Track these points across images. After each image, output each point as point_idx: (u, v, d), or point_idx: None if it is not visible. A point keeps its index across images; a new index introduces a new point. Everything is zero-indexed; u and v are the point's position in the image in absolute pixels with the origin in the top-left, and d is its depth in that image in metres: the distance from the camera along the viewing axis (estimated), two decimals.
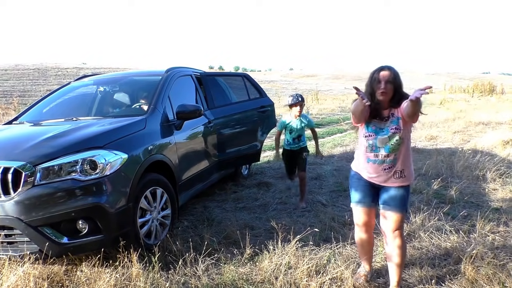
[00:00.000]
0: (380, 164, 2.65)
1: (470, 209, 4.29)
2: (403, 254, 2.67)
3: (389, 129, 2.59)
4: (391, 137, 2.59)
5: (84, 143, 3.09)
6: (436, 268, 3.03)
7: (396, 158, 2.62)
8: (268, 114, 5.76)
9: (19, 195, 2.76)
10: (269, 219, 4.21)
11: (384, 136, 2.61)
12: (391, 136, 2.59)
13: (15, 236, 2.85)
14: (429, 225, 3.71)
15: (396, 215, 2.64)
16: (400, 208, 2.64)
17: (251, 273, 3.01)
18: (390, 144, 2.61)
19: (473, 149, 7.31)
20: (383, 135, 2.61)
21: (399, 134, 2.58)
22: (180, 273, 3.01)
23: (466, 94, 28.86)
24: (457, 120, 12.45)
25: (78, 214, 2.87)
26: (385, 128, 2.61)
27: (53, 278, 2.96)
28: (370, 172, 2.70)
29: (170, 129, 3.96)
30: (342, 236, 3.62)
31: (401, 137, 2.58)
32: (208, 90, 5.06)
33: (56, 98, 4.80)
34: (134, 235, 3.18)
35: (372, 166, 2.68)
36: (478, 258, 3.05)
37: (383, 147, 2.62)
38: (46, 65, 39.15)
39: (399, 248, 2.64)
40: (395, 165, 2.63)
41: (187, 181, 4.14)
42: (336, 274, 2.88)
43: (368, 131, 2.66)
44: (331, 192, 5.20)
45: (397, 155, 2.62)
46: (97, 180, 2.93)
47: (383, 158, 2.64)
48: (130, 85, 4.97)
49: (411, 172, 2.69)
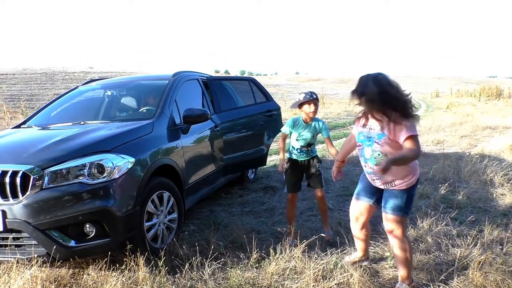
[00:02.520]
0: (369, 174, 2.76)
1: (478, 214, 4.26)
2: (402, 255, 2.74)
3: (374, 140, 2.60)
4: (374, 150, 2.61)
5: (91, 147, 3.11)
6: (443, 273, 3.00)
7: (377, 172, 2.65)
8: (275, 118, 5.76)
9: (27, 198, 2.78)
10: (275, 223, 4.21)
11: (369, 147, 2.64)
12: (374, 149, 2.61)
13: (23, 239, 2.87)
14: (437, 230, 3.68)
15: (390, 217, 2.71)
16: (395, 210, 2.68)
17: (258, 278, 3.00)
18: (373, 157, 2.63)
19: (480, 153, 7.27)
20: (368, 146, 2.64)
21: (380, 150, 2.57)
22: (186, 277, 3.01)
23: (472, 98, 28.66)
24: (464, 124, 12.37)
25: (86, 218, 2.88)
26: (371, 138, 2.61)
27: (60, 281, 2.98)
28: (368, 177, 2.83)
29: (177, 133, 3.98)
30: (349, 241, 3.61)
31: (383, 153, 2.57)
32: (214, 94, 5.08)
33: (64, 102, 4.84)
34: (140, 238, 3.19)
35: (367, 174, 2.82)
36: (487, 264, 3.03)
37: (369, 159, 2.67)
38: (53, 70, 39.43)
39: (398, 249, 2.74)
40: (383, 177, 2.65)
41: (193, 185, 4.15)
42: (342, 279, 2.87)
43: (358, 141, 2.76)
44: (337, 197, 5.19)
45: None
46: (104, 183, 2.94)
47: (371, 170, 2.70)
48: (137, 89, 4.99)
49: (407, 180, 2.65)
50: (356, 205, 3.02)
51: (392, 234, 2.74)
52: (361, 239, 3.13)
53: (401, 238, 2.72)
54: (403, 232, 2.73)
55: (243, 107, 5.52)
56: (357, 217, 3.03)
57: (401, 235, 2.72)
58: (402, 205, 2.67)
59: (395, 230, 2.72)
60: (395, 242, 2.74)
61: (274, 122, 5.75)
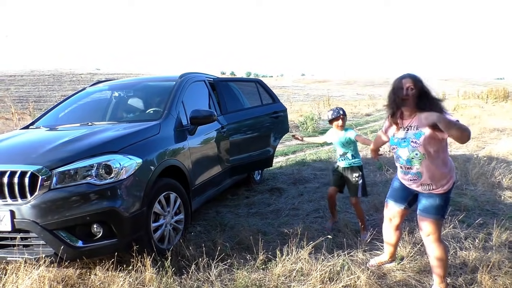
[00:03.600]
0: (405, 174, 2.75)
1: (485, 217, 4.22)
2: (439, 259, 2.69)
3: (410, 141, 2.61)
4: (411, 150, 2.61)
5: (99, 148, 3.13)
6: (452, 276, 2.98)
7: (420, 172, 2.64)
8: (281, 120, 5.76)
9: (35, 198, 2.80)
10: (282, 225, 4.21)
11: (404, 148, 2.65)
12: (411, 149, 2.61)
13: (31, 239, 2.89)
14: (444, 233, 3.66)
15: (427, 220, 2.67)
16: (432, 213, 2.66)
17: (264, 279, 3.00)
18: (410, 157, 2.63)
19: (488, 156, 7.21)
20: (404, 147, 2.66)
21: (418, 150, 2.58)
22: (193, 278, 3.01)
23: (480, 100, 28.49)
24: (472, 127, 12.27)
25: (93, 218, 2.89)
26: (406, 139, 2.62)
27: (67, 281, 2.99)
28: (403, 180, 2.81)
29: (184, 134, 3.99)
30: (356, 243, 3.60)
31: (422, 153, 2.58)
32: (221, 96, 5.08)
33: (72, 103, 4.87)
34: (147, 239, 3.20)
35: (402, 175, 2.81)
36: (495, 267, 3.00)
37: (405, 160, 2.67)
38: (61, 71, 39.71)
39: (434, 253, 2.69)
40: (421, 178, 2.65)
41: (200, 186, 4.16)
42: (349, 281, 2.86)
43: (392, 144, 2.77)
44: (344, 198, 5.15)
45: (420, 168, 2.62)
46: (112, 184, 2.96)
47: (407, 170, 2.71)
48: (144, 91, 5.01)
49: (444, 184, 2.63)
50: (388, 208, 3.05)
51: (428, 238, 2.70)
52: (391, 243, 3.12)
53: (438, 242, 2.68)
54: (439, 236, 2.70)
55: (250, 108, 5.52)
56: (390, 219, 3.06)
57: (437, 239, 2.68)
58: (440, 208, 2.65)
59: (432, 234, 2.67)
60: (432, 246, 2.69)
61: (281, 123, 5.74)
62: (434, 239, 2.68)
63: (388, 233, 3.12)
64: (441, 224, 2.74)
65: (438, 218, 2.66)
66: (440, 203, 2.65)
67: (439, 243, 2.69)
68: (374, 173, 6.33)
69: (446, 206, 2.70)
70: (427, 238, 2.71)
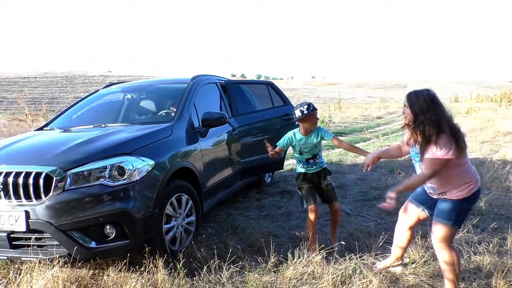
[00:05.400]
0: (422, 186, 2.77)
1: (500, 221, 4.16)
2: (449, 267, 2.63)
3: (420, 155, 2.60)
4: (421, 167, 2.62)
5: (112, 149, 3.16)
6: (466, 282, 2.94)
7: (433, 186, 2.66)
8: (292, 122, 5.74)
9: (50, 199, 2.83)
10: (293, 227, 4.20)
11: (417, 162, 2.68)
12: (421, 165, 2.62)
13: (45, 240, 2.92)
14: (458, 237, 3.61)
15: (437, 224, 2.65)
16: (442, 218, 2.62)
17: (275, 282, 2.99)
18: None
19: (502, 159, 7.11)
20: (417, 162, 2.69)
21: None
22: (204, 280, 3.02)
23: (493, 103, 28.12)
24: (485, 130, 12.13)
25: (106, 219, 2.92)
26: (419, 153, 2.61)
27: (80, 281, 3.01)
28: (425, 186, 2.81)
29: (196, 136, 4.00)
30: (367, 247, 3.57)
31: None
32: (232, 98, 5.10)
33: (85, 105, 4.92)
34: (159, 241, 3.21)
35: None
36: (511, 272, 2.96)
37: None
38: (73, 73, 40.19)
39: (444, 259, 2.64)
40: (435, 189, 2.67)
41: (211, 188, 4.17)
42: (361, 285, 2.83)
43: (410, 155, 2.81)
44: (355, 202, 5.14)
45: (433, 183, 2.65)
46: (124, 186, 2.98)
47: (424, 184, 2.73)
48: (157, 93, 5.05)
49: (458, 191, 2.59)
50: (406, 207, 3.02)
51: (437, 243, 2.65)
52: (400, 245, 3.08)
53: (447, 248, 2.62)
54: (448, 243, 2.63)
55: (261, 110, 5.52)
56: (403, 216, 3.03)
57: (446, 245, 2.62)
58: (449, 213, 2.59)
59: (440, 238, 2.62)
60: (441, 253, 2.64)
61: (292, 126, 5.72)
62: (442, 246, 2.63)
63: (400, 233, 3.07)
64: (452, 230, 2.64)
65: (447, 223, 2.60)
66: (451, 208, 2.60)
67: (448, 248, 2.63)
68: (385, 176, 6.29)
69: (459, 213, 2.61)
70: (436, 243, 2.67)
